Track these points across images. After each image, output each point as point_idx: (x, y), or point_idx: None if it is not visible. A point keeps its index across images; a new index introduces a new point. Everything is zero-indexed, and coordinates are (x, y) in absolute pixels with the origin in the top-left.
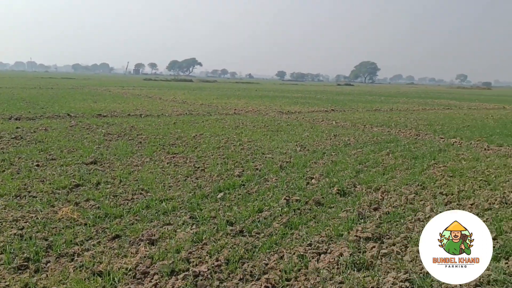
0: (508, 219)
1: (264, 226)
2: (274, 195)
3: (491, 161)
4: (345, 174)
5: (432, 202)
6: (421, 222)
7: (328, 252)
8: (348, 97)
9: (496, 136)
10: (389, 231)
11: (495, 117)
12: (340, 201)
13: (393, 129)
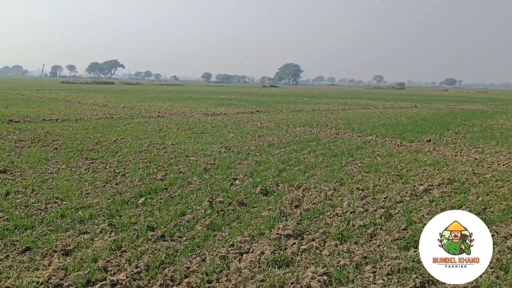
0: (417, 210)
1: (186, 230)
2: (198, 197)
3: (403, 157)
4: (268, 174)
5: (349, 197)
6: (339, 217)
7: (250, 251)
8: (272, 99)
9: (408, 133)
10: (309, 227)
11: (407, 115)
12: (263, 200)
13: (315, 128)
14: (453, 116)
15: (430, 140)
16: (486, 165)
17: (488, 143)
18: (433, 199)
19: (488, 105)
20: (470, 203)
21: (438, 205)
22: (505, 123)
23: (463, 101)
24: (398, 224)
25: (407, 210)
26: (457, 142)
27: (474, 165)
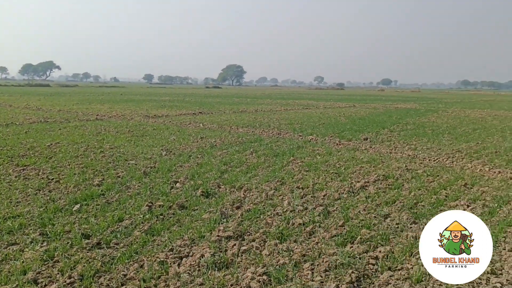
0: (354, 206)
1: (124, 236)
2: (136, 202)
3: (341, 155)
4: (210, 176)
5: (290, 196)
6: (279, 216)
7: (190, 255)
8: (216, 100)
9: (346, 131)
10: (250, 228)
11: (346, 115)
12: (204, 202)
13: (257, 129)
14: (389, 115)
15: (367, 138)
16: (418, 161)
17: (421, 140)
18: (369, 195)
19: (421, 104)
20: (403, 198)
21: (373, 201)
22: (436, 121)
23: (398, 100)
24: (336, 221)
25: (344, 207)
26: (392, 140)
27: (408, 161)
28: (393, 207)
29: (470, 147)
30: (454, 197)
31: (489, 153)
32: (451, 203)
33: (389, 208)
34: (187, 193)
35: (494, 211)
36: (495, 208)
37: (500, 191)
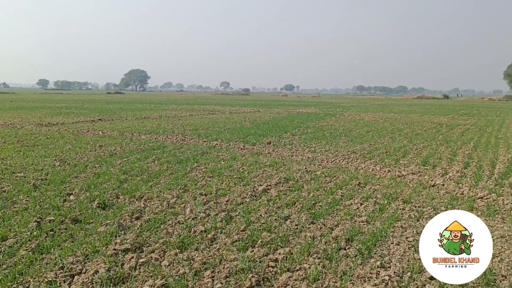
0: (256, 210)
1: (7, 256)
2: (23, 218)
3: (245, 159)
4: (108, 186)
5: (192, 203)
6: (181, 225)
7: (82, 272)
8: (117, 106)
9: (251, 136)
10: (149, 239)
11: (251, 120)
12: (100, 215)
13: (161, 135)
14: (291, 119)
15: (270, 142)
16: (317, 163)
17: (320, 143)
18: (271, 198)
19: (321, 108)
20: (303, 199)
21: (275, 204)
22: (334, 124)
23: (299, 105)
24: (238, 226)
25: (246, 211)
26: (294, 143)
27: (307, 163)
28: (293, 208)
29: (364, 148)
30: (349, 196)
31: (381, 153)
32: (346, 202)
33: (290, 210)
34: (81, 205)
35: (384, 207)
36: (385, 205)
37: (389, 189)
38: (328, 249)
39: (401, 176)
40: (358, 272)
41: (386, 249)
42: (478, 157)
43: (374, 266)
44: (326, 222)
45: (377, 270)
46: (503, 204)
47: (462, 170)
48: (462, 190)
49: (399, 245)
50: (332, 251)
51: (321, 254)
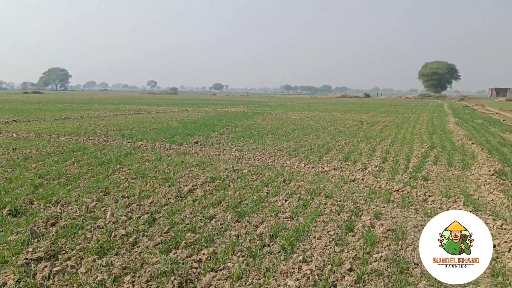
0: (180, 211)
1: None
2: None
3: (171, 160)
4: (21, 191)
5: (114, 206)
6: (100, 229)
7: None
8: (35, 106)
9: (178, 136)
10: (65, 246)
11: (178, 119)
12: (11, 222)
13: (82, 137)
14: (219, 118)
15: (198, 142)
16: (244, 161)
17: (247, 142)
18: (196, 198)
19: (249, 107)
20: (229, 198)
21: (200, 204)
22: (261, 123)
23: (228, 104)
24: (161, 228)
25: (171, 212)
26: (221, 142)
27: (235, 162)
28: (219, 208)
29: (290, 146)
30: (274, 193)
31: (305, 150)
32: (272, 199)
33: (215, 209)
34: None
35: (307, 203)
36: (308, 200)
37: (313, 184)
38: (252, 246)
39: (324, 172)
40: (281, 268)
41: (308, 243)
42: (395, 152)
43: (296, 261)
44: (251, 220)
45: (299, 265)
46: (416, 196)
47: (380, 164)
48: (380, 183)
49: (321, 239)
50: (256, 249)
51: (245, 252)
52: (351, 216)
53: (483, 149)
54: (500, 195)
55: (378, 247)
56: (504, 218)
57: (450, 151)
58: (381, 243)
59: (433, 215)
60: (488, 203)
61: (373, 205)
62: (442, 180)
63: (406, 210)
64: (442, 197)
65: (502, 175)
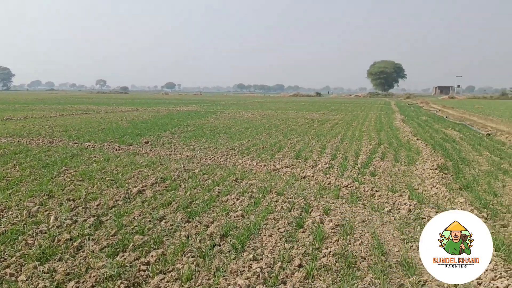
0: (129, 213)
1: None
2: None
3: (120, 160)
4: None
5: (58, 210)
6: (43, 234)
7: None
8: None
9: (127, 136)
10: (4, 253)
11: (128, 119)
12: None
13: (25, 138)
14: (171, 118)
15: (148, 142)
16: (196, 161)
17: (199, 141)
18: (146, 199)
19: (202, 106)
20: (179, 199)
21: (150, 205)
22: (214, 122)
23: (180, 103)
24: (108, 231)
25: (119, 214)
26: (173, 142)
27: (186, 162)
28: (169, 208)
29: (242, 144)
30: (226, 192)
31: (258, 148)
32: (223, 198)
33: (165, 210)
34: None
35: (259, 201)
36: (260, 198)
37: (264, 182)
38: (203, 246)
39: (276, 169)
40: (231, 267)
41: (259, 241)
42: (344, 149)
43: (247, 259)
44: (202, 219)
45: (250, 263)
46: (364, 191)
47: (330, 161)
48: (330, 180)
49: (271, 237)
50: (206, 249)
51: (195, 253)
52: (302, 213)
53: (427, 144)
54: (442, 188)
55: (327, 242)
56: (446, 211)
57: (397, 147)
58: (330, 238)
59: (380, 209)
60: (431, 197)
61: (323, 201)
62: (389, 175)
63: (354, 205)
64: (388, 192)
65: (444, 169)
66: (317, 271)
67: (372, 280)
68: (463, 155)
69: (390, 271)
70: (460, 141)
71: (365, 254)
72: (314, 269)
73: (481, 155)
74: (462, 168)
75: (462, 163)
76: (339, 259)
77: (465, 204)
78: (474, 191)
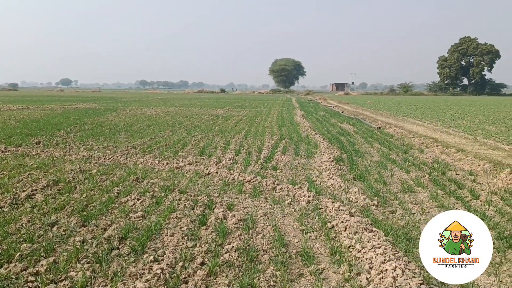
0: (16, 220)
1: None
2: None
3: (7, 163)
4: None
5: None
6: None
7: None
8: None
9: (16, 136)
10: None
11: (17, 118)
12: None
13: None
14: (66, 116)
15: (40, 142)
16: (93, 161)
17: (98, 140)
18: (36, 204)
19: (101, 104)
20: (74, 202)
21: (40, 210)
22: (114, 120)
23: (77, 101)
24: None
25: (3, 222)
26: (68, 142)
27: (82, 162)
28: (62, 212)
29: (144, 142)
30: (126, 193)
31: (160, 146)
32: (123, 199)
33: (58, 215)
34: None
35: (161, 200)
36: (162, 197)
37: (167, 181)
38: (99, 251)
39: (179, 167)
40: (130, 270)
41: (160, 242)
42: (248, 145)
43: (147, 261)
44: (98, 223)
45: (150, 265)
46: (266, 185)
47: (234, 157)
48: (233, 175)
49: (173, 236)
50: (103, 253)
51: (90, 258)
52: (205, 210)
53: (324, 138)
54: (338, 179)
55: (230, 238)
56: (341, 200)
57: (297, 142)
58: (233, 233)
59: (281, 202)
60: (328, 188)
61: (227, 197)
62: (289, 168)
63: (257, 199)
64: (289, 185)
65: (340, 161)
66: (220, 268)
67: (273, 272)
68: (356, 147)
69: (290, 262)
70: (354, 135)
71: (266, 247)
72: (217, 266)
73: (373, 147)
74: (356, 159)
75: (356, 155)
76: (242, 254)
77: (358, 193)
78: (366, 181)
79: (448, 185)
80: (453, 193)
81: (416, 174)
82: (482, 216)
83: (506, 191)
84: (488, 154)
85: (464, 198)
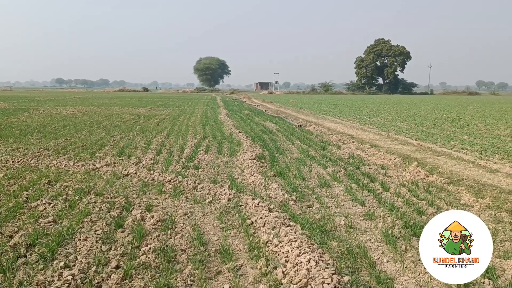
0: None
1: None
2: None
3: None
4: None
5: None
6: None
7: None
8: None
9: None
10: None
11: None
12: None
13: None
14: None
15: None
16: (0, 164)
17: (6, 142)
18: None
19: (11, 103)
20: None
21: None
22: (25, 120)
23: None
24: None
25: None
26: None
27: None
28: None
29: (59, 143)
30: (36, 197)
31: (76, 147)
32: (32, 204)
33: None
34: None
35: (74, 204)
36: (76, 201)
37: (82, 183)
38: (4, 260)
39: (96, 169)
40: (38, 278)
41: (72, 247)
42: (170, 144)
43: (57, 268)
44: (4, 230)
45: (60, 272)
46: (187, 184)
47: (155, 157)
48: (153, 176)
49: (87, 240)
50: (8, 262)
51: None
52: (122, 212)
53: (248, 137)
54: (259, 176)
55: (147, 239)
56: (261, 197)
57: (220, 140)
58: (150, 235)
59: (202, 201)
60: (249, 185)
61: (145, 198)
62: (212, 167)
63: (177, 199)
64: (210, 183)
65: (261, 158)
66: (136, 270)
67: (191, 271)
68: (278, 145)
69: (209, 260)
70: (277, 133)
71: (185, 246)
72: (132, 268)
73: (293, 144)
74: (277, 156)
75: (277, 152)
76: (159, 255)
77: (277, 189)
78: (286, 177)
79: (362, 179)
80: (366, 186)
81: (332, 169)
82: (391, 207)
83: (413, 183)
84: (398, 149)
85: (376, 190)
